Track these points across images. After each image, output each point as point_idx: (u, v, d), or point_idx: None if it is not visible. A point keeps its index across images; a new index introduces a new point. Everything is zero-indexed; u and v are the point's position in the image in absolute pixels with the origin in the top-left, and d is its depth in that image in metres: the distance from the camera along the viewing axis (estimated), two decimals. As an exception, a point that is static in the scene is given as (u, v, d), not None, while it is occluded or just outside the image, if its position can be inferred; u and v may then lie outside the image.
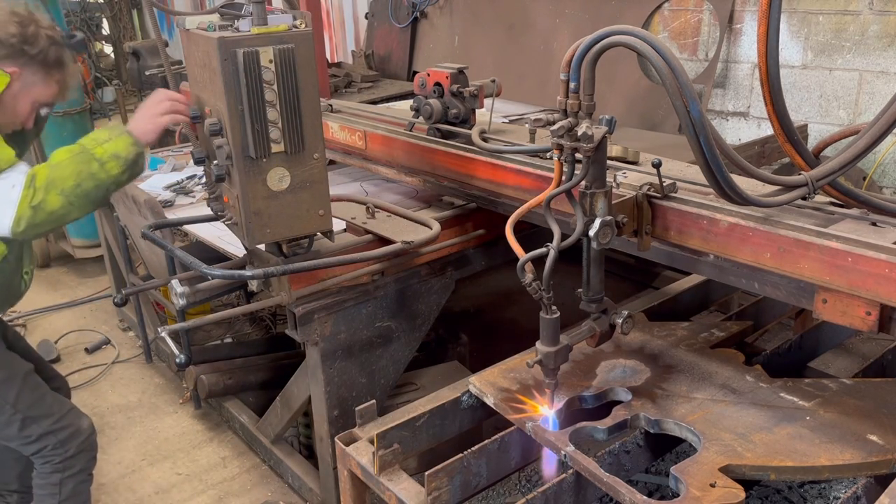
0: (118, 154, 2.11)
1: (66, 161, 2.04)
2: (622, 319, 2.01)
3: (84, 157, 2.05)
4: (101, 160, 2.08)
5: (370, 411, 2.22)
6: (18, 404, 2.40)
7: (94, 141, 2.10)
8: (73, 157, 2.05)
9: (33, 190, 2.02)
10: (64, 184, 2.03)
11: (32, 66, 2.22)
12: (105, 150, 2.09)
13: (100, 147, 2.09)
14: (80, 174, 2.05)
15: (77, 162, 2.05)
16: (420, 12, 5.94)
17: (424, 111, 2.90)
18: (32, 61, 2.22)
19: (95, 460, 2.64)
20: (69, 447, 2.49)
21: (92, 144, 2.09)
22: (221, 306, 4.23)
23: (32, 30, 2.22)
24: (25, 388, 2.43)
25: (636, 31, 1.75)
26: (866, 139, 1.83)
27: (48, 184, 2.02)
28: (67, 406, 2.56)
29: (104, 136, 2.11)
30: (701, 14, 4.41)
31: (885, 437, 1.89)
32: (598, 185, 1.89)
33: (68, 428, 2.50)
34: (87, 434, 2.56)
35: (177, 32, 1.99)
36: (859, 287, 1.67)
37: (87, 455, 2.58)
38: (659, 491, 2.58)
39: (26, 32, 2.20)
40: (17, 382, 2.42)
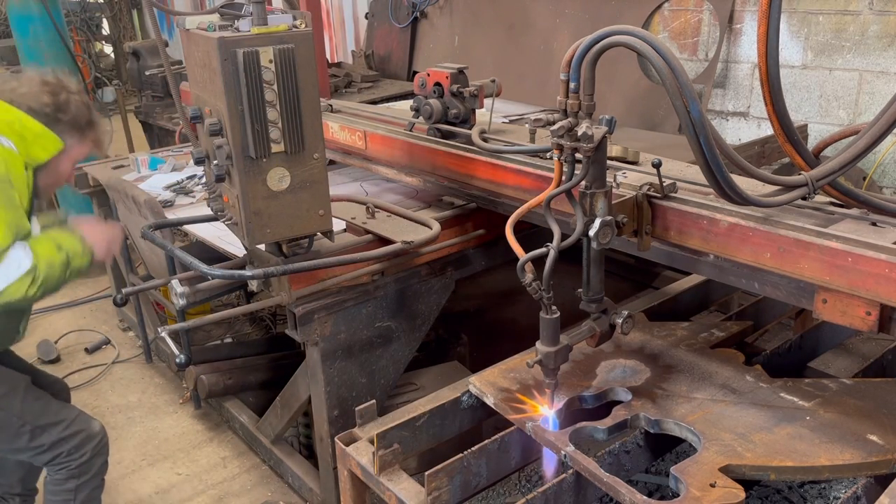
0: (81, 270, 2.31)
1: (58, 268, 2.21)
2: (622, 319, 2.01)
3: (65, 267, 2.24)
4: (72, 272, 2.27)
5: (370, 411, 2.22)
6: (25, 415, 2.40)
7: (74, 252, 2.26)
8: (62, 267, 2.22)
9: (31, 282, 2.15)
10: (48, 285, 2.20)
11: (68, 131, 2.35)
12: (76, 265, 2.27)
13: (76, 259, 2.27)
14: (59, 281, 2.24)
15: (63, 271, 2.23)
16: (420, 12, 5.94)
17: (424, 111, 2.90)
18: (68, 126, 2.34)
19: (108, 465, 2.63)
20: (85, 451, 2.49)
21: (73, 255, 2.26)
22: (221, 306, 4.23)
23: (64, 97, 2.34)
24: (28, 398, 2.43)
25: (636, 31, 1.75)
26: (866, 139, 1.83)
27: (43, 284, 2.17)
28: (75, 411, 2.55)
29: (79, 248, 2.28)
30: (701, 14, 4.41)
31: (885, 437, 1.89)
32: (598, 185, 1.89)
33: (80, 433, 2.49)
34: (101, 436, 2.55)
35: (177, 32, 1.99)
36: (859, 287, 1.67)
37: (102, 458, 2.57)
38: (659, 491, 2.58)
39: (59, 101, 2.32)
40: (20, 394, 2.42)
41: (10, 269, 2.10)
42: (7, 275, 2.10)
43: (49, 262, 2.18)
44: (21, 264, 2.12)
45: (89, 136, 2.44)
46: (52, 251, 2.20)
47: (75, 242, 2.28)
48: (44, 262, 2.17)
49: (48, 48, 4.95)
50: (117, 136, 6.88)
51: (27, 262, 2.13)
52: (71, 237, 2.29)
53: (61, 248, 2.22)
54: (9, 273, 2.10)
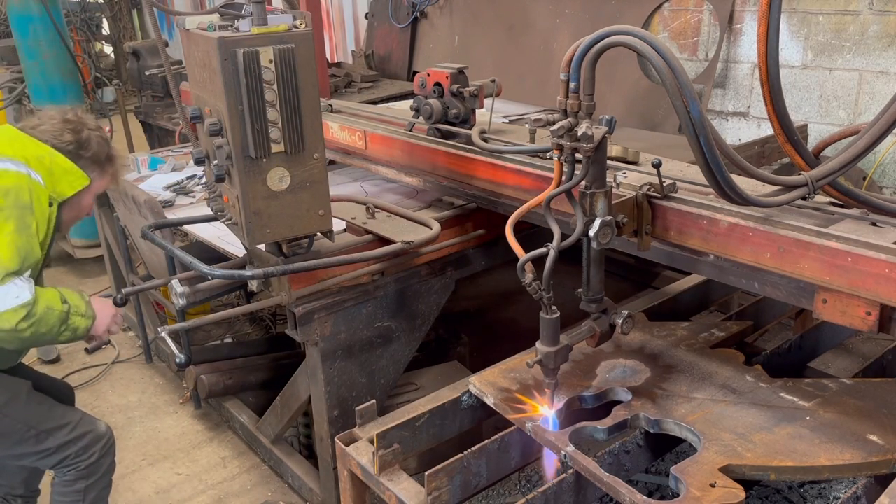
0: (77, 331, 2.27)
1: (56, 316, 2.18)
2: (622, 319, 2.01)
3: (63, 318, 2.20)
4: (68, 328, 2.23)
5: (370, 411, 2.22)
6: (30, 420, 2.38)
7: (76, 310, 2.24)
8: (60, 317, 2.19)
9: (25, 316, 2.10)
10: (39, 328, 2.14)
11: (89, 167, 2.40)
12: (74, 323, 2.24)
13: (75, 318, 2.24)
14: (52, 331, 2.19)
15: (59, 322, 2.19)
16: (420, 12, 5.94)
17: (424, 111, 2.90)
18: (89, 162, 2.40)
19: (115, 465, 2.62)
20: (93, 452, 2.48)
21: (74, 312, 2.24)
22: (221, 306, 4.23)
23: (86, 134, 2.39)
24: (32, 403, 2.42)
25: (636, 31, 1.75)
26: (866, 139, 1.83)
27: (35, 325, 2.13)
28: (79, 414, 2.54)
29: (82, 308, 2.26)
30: (701, 14, 4.41)
31: (885, 437, 1.89)
32: (598, 185, 1.89)
33: (87, 435, 2.48)
34: (108, 437, 2.54)
35: (177, 32, 1.99)
36: (859, 287, 1.67)
37: (109, 458, 2.56)
38: (659, 491, 2.58)
39: (81, 138, 2.37)
40: (22, 400, 2.40)
41: (7, 296, 2.06)
42: (3, 300, 2.06)
43: (49, 307, 2.16)
44: (21, 295, 2.09)
45: (109, 171, 2.50)
46: (55, 299, 2.19)
47: (80, 302, 2.27)
48: (43, 304, 2.14)
49: (48, 48, 4.95)
50: (117, 135, 6.88)
51: (27, 294, 2.10)
52: (77, 297, 2.29)
53: (65, 301, 2.22)
54: (5, 299, 2.06)
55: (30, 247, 2.15)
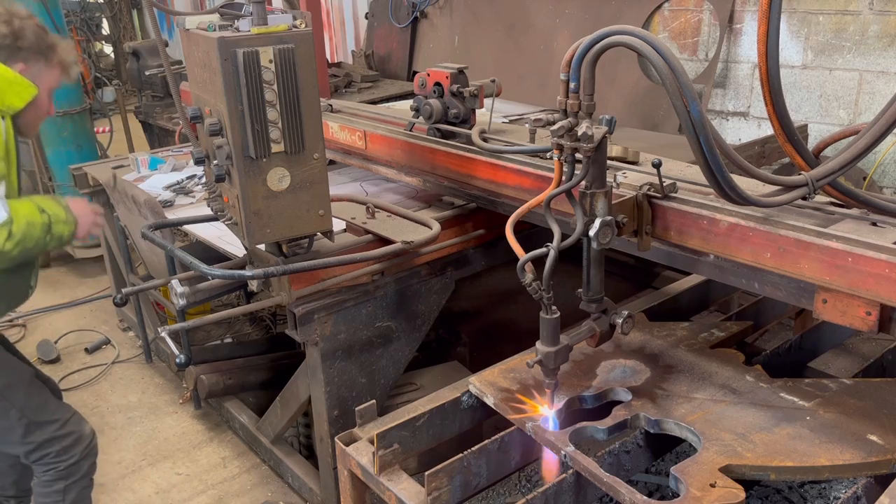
0: (62, 238, 2.28)
1: (38, 228, 2.18)
2: (622, 319, 2.01)
3: (45, 229, 2.20)
4: (52, 237, 2.23)
5: (370, 411, 2.22)
6: (25, 409, 2.37)
7: (56, 217, 2.23)
8: (42, 228, 2.19)
9: (7, 236, 2.11)
10: (26, 244, 2.16)
11: (32, 58, 2.29)
12: (58, 231, 2.24)
13: (58, 225, 2.24)
14: (38, 244, 2.20)
15: (43, 233, 2.20)
16: (420, 12, 5.94)
17: (424, 111, 2.90)
18: (30, 53, 2.29)
19: (96, 466, 2.62)
20: (73, 453, 2.47)
21: (55, 220, 2.23)
22: (221, 306, 4.23)
23: (18, 24, 2.27)
24: (31, 392, 2.41)
25: (636, 31, 1.75)
26: (866, 139, 1.83)
27: (21, 242, 2.14)
28: (70, 411, 2.54)
29: (62, 215, 2.25)
30: (701, 14, 4.41)
31: (885, 437, 1.89)
32: (598, 185, 1.89)
33: (72, 434, 2.48)
34: (90, 439, 2.54)
35: (177, 32, 1.99)
36: (859, 287, 1.67)
37: (90, 461, 2.56)
38: (659, 491, 2.58)
39: (14, 28, 2.26)
40: (23, 386, 2.39)
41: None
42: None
43: (29, 221, 2.15)
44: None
45: (54, 60, 2.37)
46: (33, 211, 2.18)
47: (59, 209, 2.26)
48: (22, 219, 2.14)
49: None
50: (117, 136, 6.88)
51: (3, 213, 2.10)
52: (55, 204, 2.27)
53: (43, 211, 2.20)
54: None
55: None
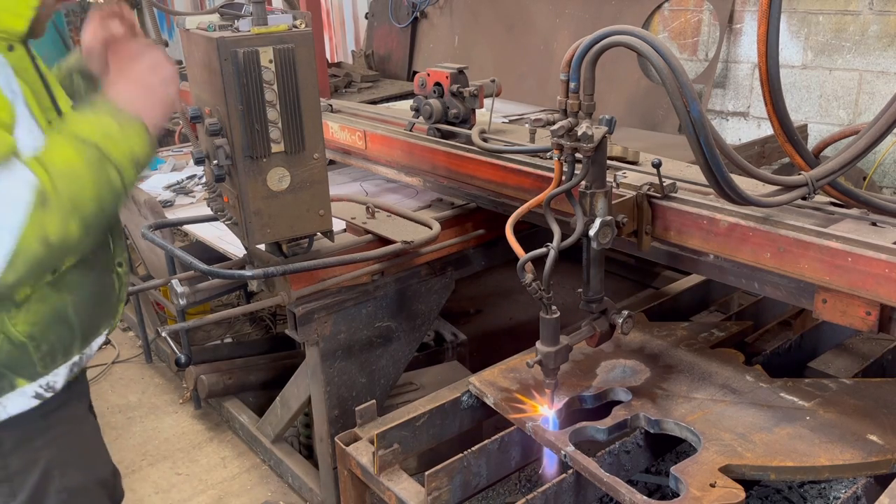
0: (136, 157, 1.45)
1: (83, 170, 1.36)
2: (622, 319, 2.01)
3: (102, 164, 1.39)
4: (119, 167, 1.42)
5: (370, 411, 2.22)
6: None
7: (107, 138, 1.41)
8: (89, 164, 1.37)
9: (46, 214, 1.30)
10: (85, 208, 1.36)
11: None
12: (122, 153, 1.42)
13: (116, 147, 1.42)
14: (100, 190, 1.38)
15: (95, 171, 1.38)
16: (420, 12, 5.94)
17: (424, 111, 2.90)
18: None
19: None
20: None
21: (106, 143, 1.40)
22: (221, 306, 4.23)
23: None
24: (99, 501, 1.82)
25: (636, 31, 1.75)
26: (866, 139, 1.83)
27: (71, 207, 1.33)
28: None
29: (114, 127, 1.43)
30: (701, 14, 4.41)
31: (885, 437, 1.89)
32: (598, 185, 1.89)
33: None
34: None
35: (177, 32, 1.97)
36: (859, 287, 1.67)
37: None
38: (659, 491, 2.58)
39: None
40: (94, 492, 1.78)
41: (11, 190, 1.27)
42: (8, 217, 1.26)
43: (69, 170, 1.34)
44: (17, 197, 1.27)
45: None
46: (69, 152, 1.37)
47: (105, 121, 1.43)
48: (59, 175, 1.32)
49: (48, 48, 4.95)
50: (117, 136, 6.89)
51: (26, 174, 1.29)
52: (94, 117, 1.45)
53: (84, 141, 1.39)
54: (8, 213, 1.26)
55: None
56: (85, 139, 1.39)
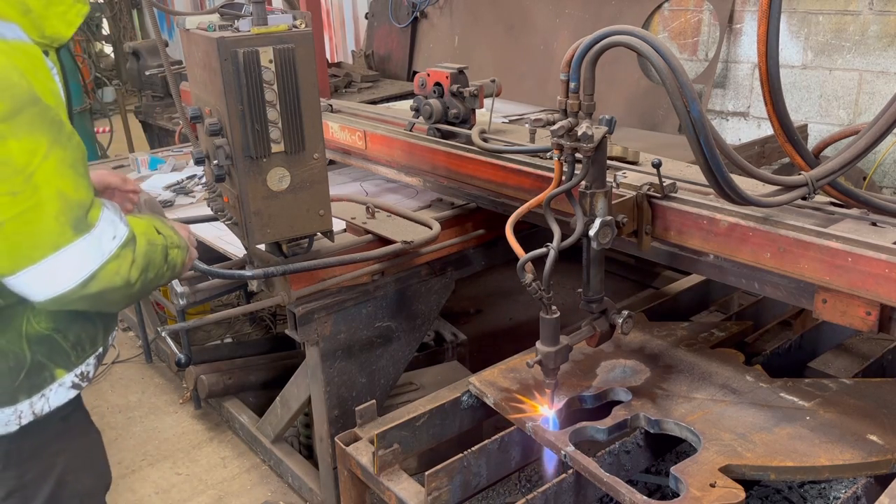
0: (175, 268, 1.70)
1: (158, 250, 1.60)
2: (622, 319, 2.01)
3: (164, 254, 1.63)
4: (168, 265, 1.66)
5: (370, 411, 2.22)
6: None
7: (171, 239, 1.67)
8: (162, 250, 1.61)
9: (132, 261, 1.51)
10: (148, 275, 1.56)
11: None
12: (173, 258, 1.67)
13: (173, 250, 1.67)
14: (157, 272, 1.61)
15: (162, 258, 1.61)
16: (420, 12, 5.94)
17: (424, 111, 2.90)
18: None
19: None
20: None
21: (171, 243, 1.67)
22: (221, 306, 4.23)
23: None
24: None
25: (636, 31, 1.75)
26: (866, 139, 1.83)
27: (145, 266, 1.54)
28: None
29: (174, 237, 1.70)
30: (701, 14, 4.41)
31: (885, 437, 1.89)
32: (598, 185, 1.89)
33: None
34: None
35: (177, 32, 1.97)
36: (859, 287, 1.67)
37: None
38: (659, 491, 2.58)
39: None
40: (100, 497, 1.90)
41: (103, 239, 1.45)
42: (100, 247, 1.44)
43: (149, 240, 1.57)
44: (117, 231, 1.48)
45: None
46: (150, 228, 1.62)
47: (168, 230, 1.69)
48: (142, 237, 1.55)
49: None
50: (117, 136, 6.89)
51: (123, 228, 1.50)
52: (160, 222, 1.71)
53: (159, 231, 1.64)
54: (102, 243, 1.44)
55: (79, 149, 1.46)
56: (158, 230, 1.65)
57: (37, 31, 1.48)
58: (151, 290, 1.70)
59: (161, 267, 1.62)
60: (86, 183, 1.46)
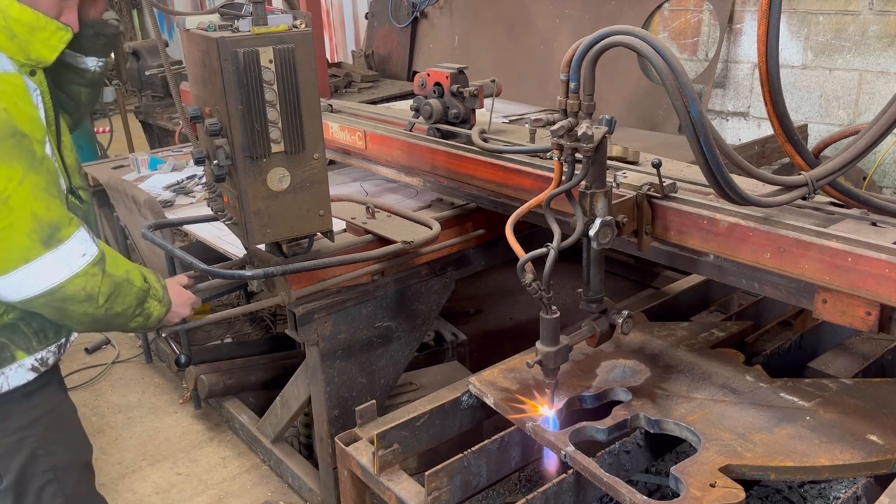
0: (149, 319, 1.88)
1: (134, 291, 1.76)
2: (622, 319, 2.01)
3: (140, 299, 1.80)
4: (142, 312, 1.84)
5: (370, 411, 2.22)
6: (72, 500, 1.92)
7: (154, 292, 1.86)
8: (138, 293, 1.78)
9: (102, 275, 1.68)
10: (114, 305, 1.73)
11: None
12: (149, 309, 1.85)
13: (153, 302, 1.86)
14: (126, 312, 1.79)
15: (135, 301, 1.78)
16: (420, 12, 5.94)
17: (424, 111, 2.90)
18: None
19: None
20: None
21: (153, 294, 1.85)
22: (221, 306, 4.23)
23: None
24: (84, 481, 1.99)
25: (636, 31, 1.75)
26: (866, 139, 1.83)
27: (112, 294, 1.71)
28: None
29: (160, 292, 1.90)
30: (701, 14, 4.41)
31: (885, 437, 1.89)
32: (598, 185, 1.89)
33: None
34: None
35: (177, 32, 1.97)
36: (859, 287, 1.67)
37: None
38: (659, 491, 2.58)
39: None
40: (79, 471, 1.96)
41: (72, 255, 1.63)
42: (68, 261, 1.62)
43: (128, 277, 1.75)
44: (87, 250, 1.65)
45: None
46: (135, 271, 1.80)
47: (158, 285, 1.89)
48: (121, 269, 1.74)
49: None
50: (117, 136, 6.88)
51: (94, 248, 1.67)
52: (154, 277, 1.91)
53: (145, 279, 1.83)
54: (70, 258, 1.63)
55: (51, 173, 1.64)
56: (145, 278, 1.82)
57: (22, 54, 1.65)
58: (120, 326, 1.86)
59: (132, 306, 1.79)
60: (58, 203, 1.63)
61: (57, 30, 1.71)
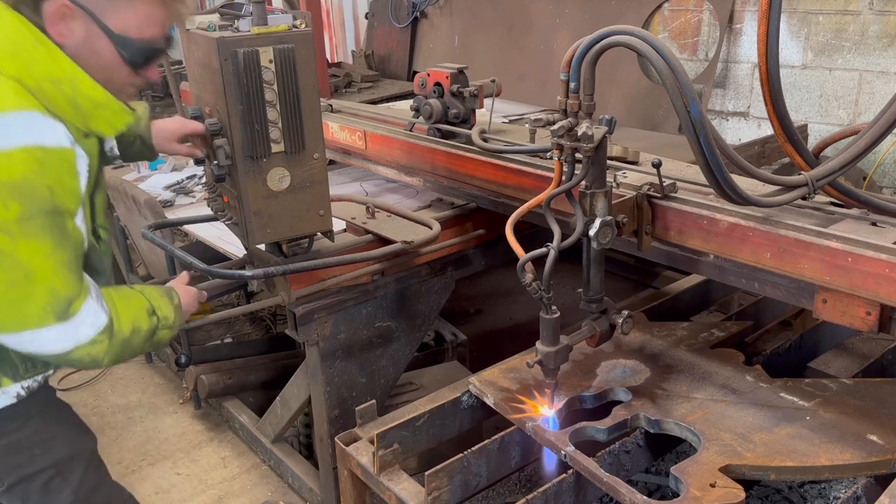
0: (159, 344, 1.87)
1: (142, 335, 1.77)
2: (622, 319, 2.01)
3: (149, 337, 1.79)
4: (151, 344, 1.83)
5: (370, 411, 2.22)
6: (80, 490, 1.90)
7: (164, 321, 1.83)
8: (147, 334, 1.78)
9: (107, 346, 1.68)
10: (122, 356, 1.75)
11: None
12: (160, 338, 1.84)
13: (163, 331, 1.83)
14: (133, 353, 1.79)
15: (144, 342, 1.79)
16: (420, 12, 5.94)
17: (424, 111, 2.90)
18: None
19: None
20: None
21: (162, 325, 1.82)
22: (221, 306, 4.22)
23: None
24: (90, 468, 1.97)
25: (636, 31, 1.75)
26: (866, 139, 1.83)
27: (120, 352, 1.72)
28: (126, 495, 2.11)
29: (171, 318, 1.85)
30: (701, 14, 4.41)
31: (885, 437, 1.89)
32: (598, 185, 1.89)
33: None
34: None
35: (177, 32, 1.96)
36: (859, 287, 1.67)
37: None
38: (659, 491, 2.58)
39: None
40: (84, 462, 1.94)
41: (82, 326, 1.62)
42: (77, 333, 1.62)
43: (135, 327, 1.74)
44: (97, 319, 1.64)
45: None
46: (142, 313, 1.77)
47: (169, 308, 1.85)
48: (127, 324, 1.72)
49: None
50: (117, 136, 6.88)
51: (103, 317, 1.66)
52: (167, 302, 1.86)
53: (153, 314, 1.80)
54: (80, 330, 1.62)
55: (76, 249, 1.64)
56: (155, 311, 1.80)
57: (83, 122, 1.62)
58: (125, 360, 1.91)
59: (142, 346, 1.79)
60: (76, 278, 1.63)
61: (121, 111, 1.69)
